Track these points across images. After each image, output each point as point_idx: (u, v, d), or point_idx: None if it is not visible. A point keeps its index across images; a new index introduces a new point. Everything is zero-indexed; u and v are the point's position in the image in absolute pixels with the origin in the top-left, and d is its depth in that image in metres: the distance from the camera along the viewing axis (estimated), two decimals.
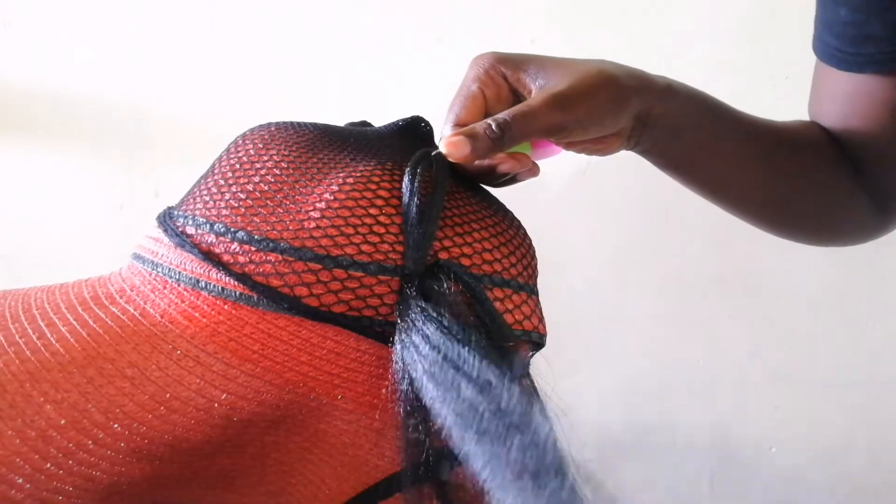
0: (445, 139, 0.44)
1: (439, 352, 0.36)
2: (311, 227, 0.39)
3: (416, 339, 0.37)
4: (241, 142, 0.45)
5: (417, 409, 0.37)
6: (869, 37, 0.55)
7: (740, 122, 0.58)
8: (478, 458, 0.34)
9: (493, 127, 0.44)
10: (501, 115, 0.44)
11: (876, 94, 0.57)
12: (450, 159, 0.43)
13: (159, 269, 0.41)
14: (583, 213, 1.08)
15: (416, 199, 0.40)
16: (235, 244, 0.39)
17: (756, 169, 0.59)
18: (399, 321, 0.38)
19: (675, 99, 0.53)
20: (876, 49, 0.55)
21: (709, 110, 0.56)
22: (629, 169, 1.03)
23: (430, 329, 0.37)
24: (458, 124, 0.47)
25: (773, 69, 1.01)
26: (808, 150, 0.60)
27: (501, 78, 0.49)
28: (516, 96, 0.50)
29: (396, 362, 0.38)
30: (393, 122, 0.50)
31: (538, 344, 0.45)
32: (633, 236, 1.10)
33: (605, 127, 0.48)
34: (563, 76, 0.47)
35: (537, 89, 0.48)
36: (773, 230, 0.63)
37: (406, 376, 0.37)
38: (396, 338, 0.38)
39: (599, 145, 0.52)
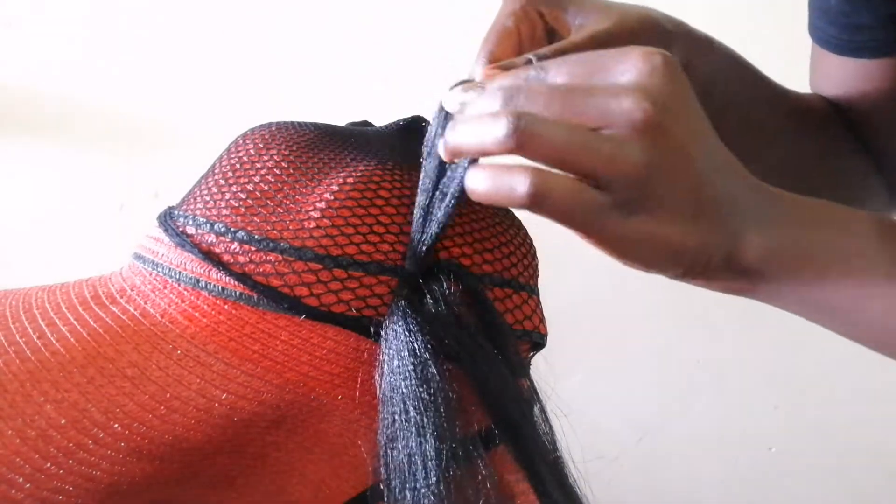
0: (483, 71, 0.40)
1: (410, 357, 0.37)
2: (312, 226, 0.39)
3: (395, 343, 0.38)
4: (241, 141, 0.45)
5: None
6: (860, 26, 0.55)
7: (770, 88, 0.58)
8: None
9: (532, 57, 0.39)
10: (542, 50, 0.41)
11: (872, 77, 0.57)
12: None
13: (160, 269, 0.41)
14: None
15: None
16: (236, 244, 0.39)
17: (780, 137, 0.58)
18: (386, 320, 0.39)
19: (713, 52, 0.51)
20: (868, 37, 0.55)
21: (744, 70, 0.55)
22: None
23: (410, 334, 0.37)
24: (491, 61, 0.42)
25: (772, 68, 1.01)
26: (825, 122, 0.61)
27: (537, 15, 0.45)
28: (551, 37, 0.46)
29: (378, 357, 0.38)
30: (393, 122, 0.50)
31: (538, 344, 0.45)
32: None
33: None
34: (605, 17, 0.44)
35: (576, 28, 0.45)
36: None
37: (381, 374, 0.38)
38: (382, 335, 0.38)
39: None
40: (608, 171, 0.33)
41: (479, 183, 0.35)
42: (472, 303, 0.40)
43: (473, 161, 0.36)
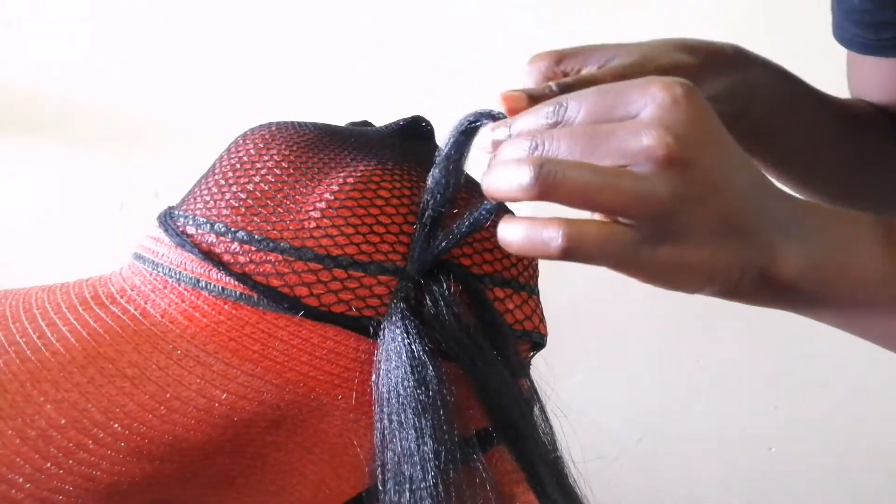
0: (505, 96, 0.40)
1: (408, 359, 0.37)
2: (312, 226, 0.39)
3: (393, 344, 0.38)
4: (241, 141, 0.45)
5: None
6: (884, 24, 0.54)
7: (818, 99, 0.57)
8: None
9: (554, 86, 0.40)
10: (566, 80, 0.41)
11: None
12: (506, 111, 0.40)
13: (160, 269, 0.41)
14: (583, 212, 1.08)
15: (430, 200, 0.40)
16: (236, 244, 0.39)
17: (834, 146, 0.57)
18: (385, 321, 0.39)
19: (751, 65, 0.50)
20: (894, 34, 0.54)
21: (792, 85, 0.54)
22: None
23: (409, 335, 0.38)
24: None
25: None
26: (874, 126, 0.60)
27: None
28: None
29: (376, 358, 0.38)
30: (394, 122, 0.50)
31: (538, 344, 0.45)
32: None
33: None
34: (629, 53, 0.44)
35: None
36: (835, 202, 0.60)
37: (378, 375, 0.38)
38: (380, 336, 0.38)
39: None
40: (634, 208, 0.34)
41: (514, 235, 0.36)
42: (472, 303, 0.40)
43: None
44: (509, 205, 0.43)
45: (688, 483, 1.19)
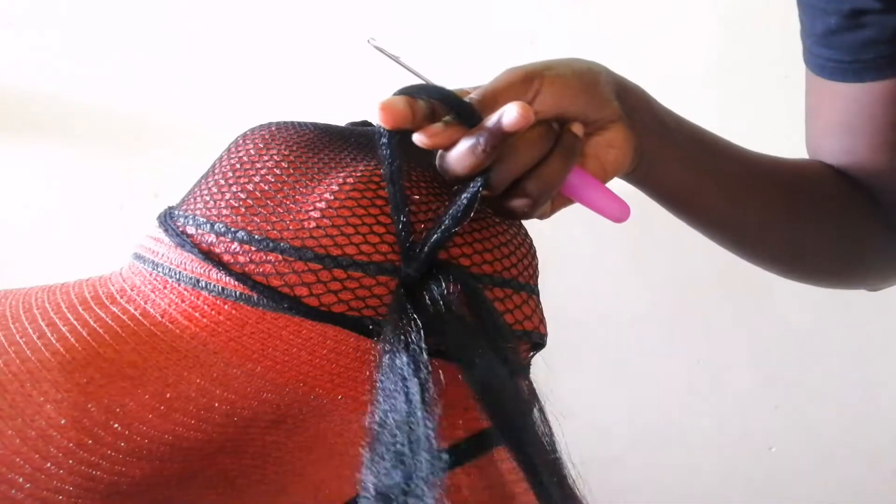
0: (381, 102, 0.40)
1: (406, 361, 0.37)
2: (312, 226, 0.39)
3: (393, 345, 0.38)
4: (241, 141, 0.45)
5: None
6: (865, 42, 0.53)
7: (740, 157, 0.55)
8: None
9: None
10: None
11: (879, 102, 0.54)
12: (384, 124, 0.40)
13: (160, 269, 0.41)
14: (583, 212, 1.08)
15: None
16: (236, 244, 0.39)
17: (764, 210, 0.55)
18: (385, 321, 0.38)
19: (669, 132, 0.50)
20: (875, 54, 0.53)
21: (706, 144, 0.53)
22: None
23: (408, 335, 0.37)
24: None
25: (772, 68, 1.01)
26: (817, 186, 0.57)
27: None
28: None
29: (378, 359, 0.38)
30: None
31: (538, 344, 0.45)
32: (634, 236, 1.10)
33: (587, 97, 0.45)
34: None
35: None
36: (790, 275, 0.59)
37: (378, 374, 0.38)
38: (381, 337, 0.38)
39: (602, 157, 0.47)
40: None
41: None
42: (472, 303, 0.40)
43: (486, 181, 0.41)
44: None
45: (688, 483, 1.19)
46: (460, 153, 0.40)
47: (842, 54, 0.54)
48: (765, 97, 1.06)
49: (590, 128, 0.45)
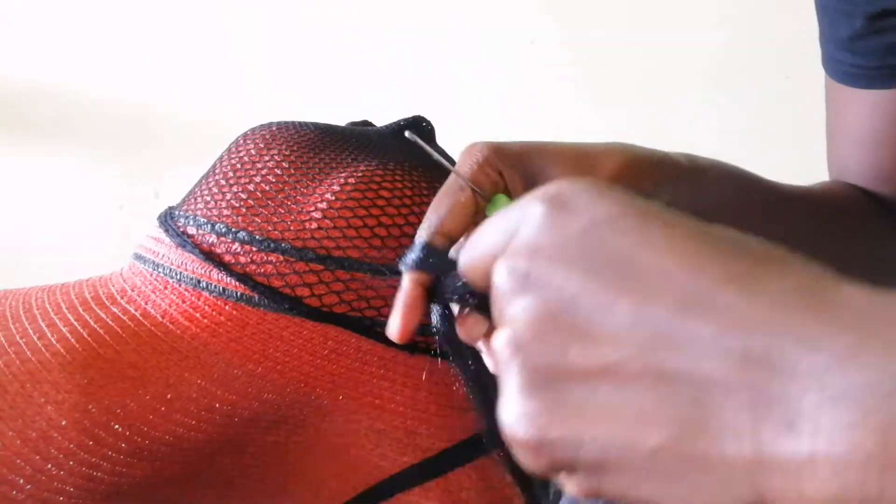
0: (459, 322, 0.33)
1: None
2: (313, 227, 0.39)
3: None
4: (242, 141, 0.45)
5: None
6: (893, 46, 0.50)
7: (776, 195, 0.50)
8: None
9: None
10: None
11: None
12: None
13: (160, 270, 0.41)
14: None
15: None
16: (237, 244, 0.39)
17: (800, 241, 0.52)
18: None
19: (702, 177, 0.44)
20: None
21: (743, 187, 0.47)
22: None
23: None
24: (441, 233, 0.35)
25: (773, 68, 1.01)
26: (849, 211, 0.54)
27: (498, 175, 0.37)
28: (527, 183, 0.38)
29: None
30: (394, 122, 0.50)
31: None
32: None
33: None
34: (566, 162, 0.38)
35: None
36: None
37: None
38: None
39: None
40: None
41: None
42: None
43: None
44: None
45: None
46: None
47: (867, 59, 0.52)
48: (765, 98, 1.06)
49: None
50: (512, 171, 0.37)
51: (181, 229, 0.41)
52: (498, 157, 0.37)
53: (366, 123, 0.51)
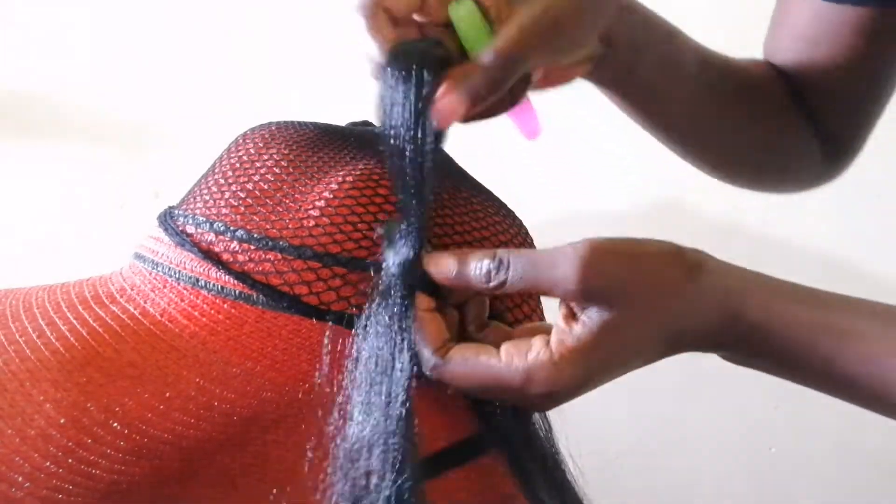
0: (437, 100, 0.37)
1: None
2: (311, 225, 0.39)
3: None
4: (241, 141, 0.45)
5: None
6: None
7: (696, 49, 0.54)
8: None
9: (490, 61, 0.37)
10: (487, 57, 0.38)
11: (844, 28, 0.53)
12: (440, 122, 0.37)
13: (159, 268, 0.41)
14: (583, 212, 1.08)
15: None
16: (235, 243, 0.39)
17: (709, 102, 0.55)
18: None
19: (635, 14, 0.47)
20: None
21: (666, 29, 0.51)
22: (631, 167, 1.03)
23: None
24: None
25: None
26: (760, 90, 0.58)
27: None
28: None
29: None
30: None
31: None
32: (634, 235, 1.10)
33: (586, 42, 0.43)
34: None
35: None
36: (714, 171, 0.60)
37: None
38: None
39: (565, 72, 0.46)
40: None
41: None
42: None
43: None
44: None
45: (688, 483, 1.19)
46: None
47: None
48: None
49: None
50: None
51: (180, 228, 0.42)
52: None
53: (366, 123, 0.51)
